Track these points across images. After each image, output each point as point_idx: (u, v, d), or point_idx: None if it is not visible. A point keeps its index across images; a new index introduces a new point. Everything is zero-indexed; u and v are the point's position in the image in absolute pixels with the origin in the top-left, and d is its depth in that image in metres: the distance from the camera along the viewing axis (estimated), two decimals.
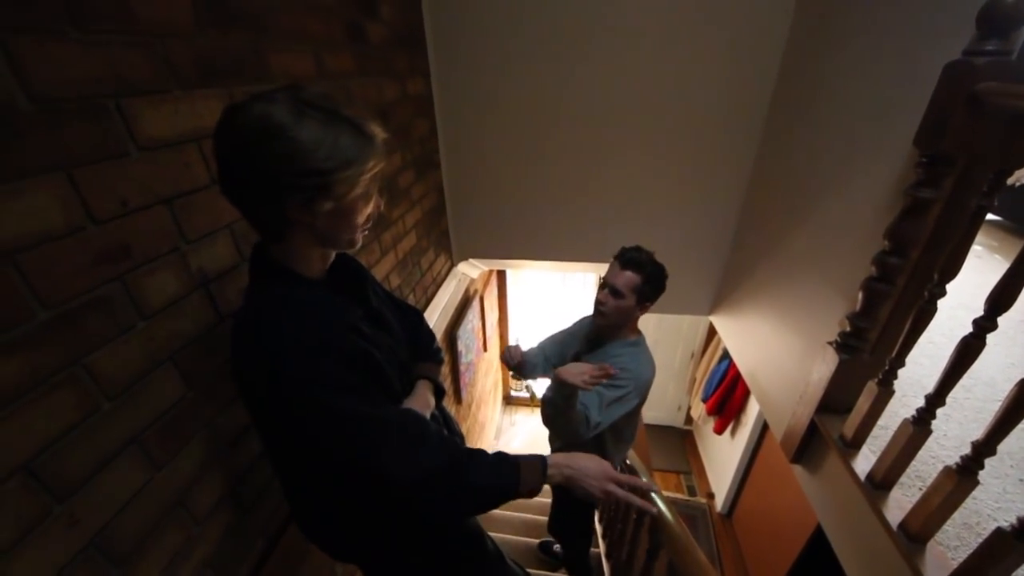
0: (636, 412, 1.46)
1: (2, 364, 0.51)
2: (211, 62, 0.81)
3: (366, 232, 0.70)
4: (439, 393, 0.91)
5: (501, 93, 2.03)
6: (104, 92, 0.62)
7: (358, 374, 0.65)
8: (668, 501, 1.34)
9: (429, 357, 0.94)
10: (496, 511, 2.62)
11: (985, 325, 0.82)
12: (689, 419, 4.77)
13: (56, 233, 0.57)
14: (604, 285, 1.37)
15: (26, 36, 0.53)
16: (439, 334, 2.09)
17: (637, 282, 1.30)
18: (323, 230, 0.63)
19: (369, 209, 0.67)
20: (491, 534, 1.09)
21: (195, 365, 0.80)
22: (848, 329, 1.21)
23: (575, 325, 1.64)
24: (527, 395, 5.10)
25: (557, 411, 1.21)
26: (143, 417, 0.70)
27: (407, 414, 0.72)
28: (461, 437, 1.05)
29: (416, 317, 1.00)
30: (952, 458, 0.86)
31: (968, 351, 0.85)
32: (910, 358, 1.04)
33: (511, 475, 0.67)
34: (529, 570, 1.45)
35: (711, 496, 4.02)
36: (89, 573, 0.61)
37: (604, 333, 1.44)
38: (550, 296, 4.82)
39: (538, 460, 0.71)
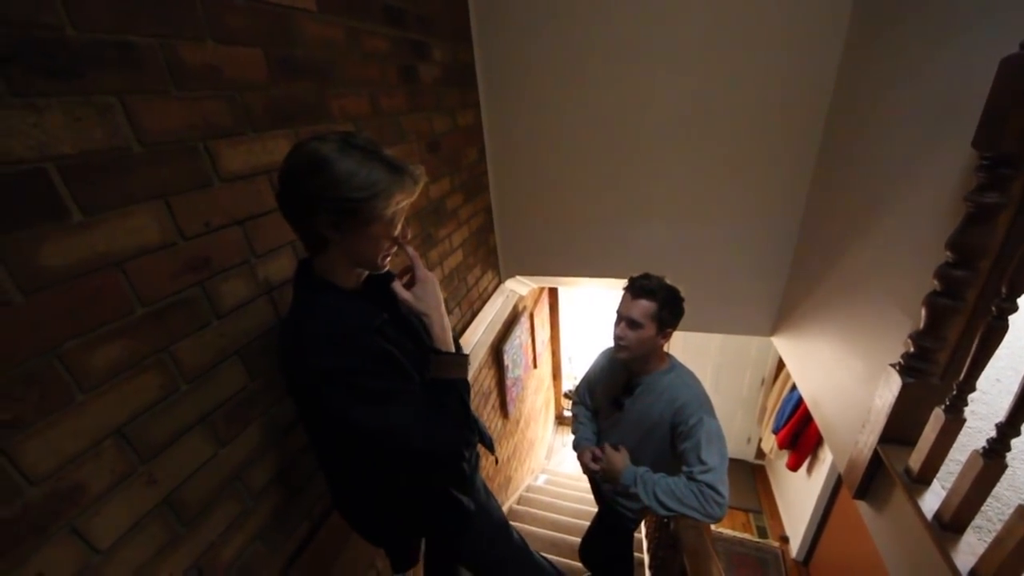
0: None
1: (107, 347, 0.66)
2: (280, 108, 0.97)
3: (389, 257, 0.80)
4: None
5: (549, 117, 2.11)
6: (195, 136, 0.79)
7: (377, 365, 0.75)
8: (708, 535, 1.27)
9: None
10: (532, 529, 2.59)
11: None
12: (761, 453, 4.37)
13: (154, 246, 0.73)
14: (620, 318, 1.32)
15: (140, 95, 0.69)
16: (484, 347, 2.17)
17: (653, 309, 1.26)
18: (351, 249, 0.74)
19: (394, 235, 0.77)
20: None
21: (257, 360, 0.93)
22: (912, 350, 1.10)
23: (601, 365, 1.60)
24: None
25: (671, 509, 1.20)
26: (213, 400, 0.84)
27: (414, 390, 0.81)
28: (484, 429, 1.10)
29: None
30: None
31: None
32: (1003, 383, 0.93)
33: (454, 385, 0.82)
34: None
35: (785, 540, 3.62)
36: (162, 526, 0.74)
37: (634, 368, 1.40)
38: (602, 315, 4.75)
39: (433, 354, 0.82)
